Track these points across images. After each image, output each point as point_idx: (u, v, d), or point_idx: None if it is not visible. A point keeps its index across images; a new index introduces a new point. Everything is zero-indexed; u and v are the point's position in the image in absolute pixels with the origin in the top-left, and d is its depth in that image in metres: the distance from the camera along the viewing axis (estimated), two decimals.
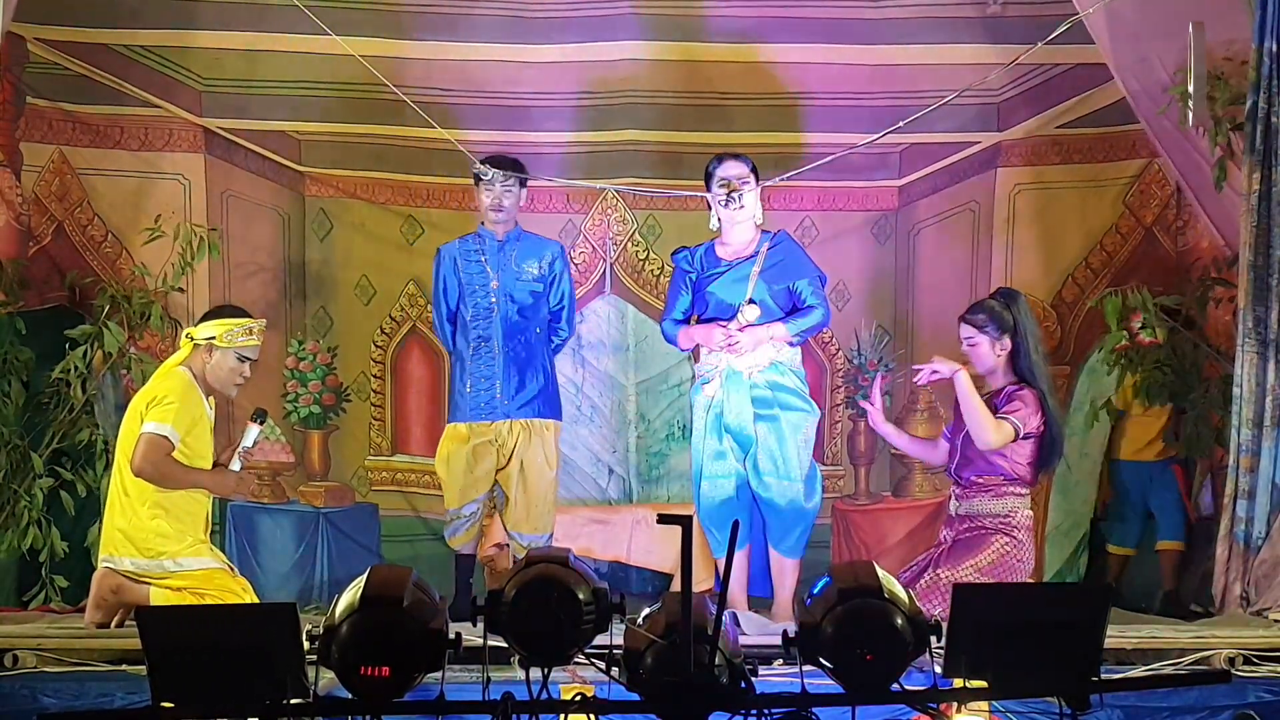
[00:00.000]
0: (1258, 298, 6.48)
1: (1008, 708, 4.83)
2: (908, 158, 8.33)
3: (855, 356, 8.25)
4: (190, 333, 6.40)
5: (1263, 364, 6.47)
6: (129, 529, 6.18)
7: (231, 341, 6.29)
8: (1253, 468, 6.46)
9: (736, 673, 3.80)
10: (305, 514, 8.04)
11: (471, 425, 6.80)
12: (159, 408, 6.16)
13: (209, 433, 6.33)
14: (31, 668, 5.37)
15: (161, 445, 6.12)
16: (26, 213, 7.67)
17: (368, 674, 3.78)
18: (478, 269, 6.86)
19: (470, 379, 6.83)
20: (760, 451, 6.39)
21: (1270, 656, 5.53)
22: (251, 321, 6.41)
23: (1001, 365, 6.38)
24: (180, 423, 6.17)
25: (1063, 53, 7.52)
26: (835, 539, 8.18)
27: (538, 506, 6.82)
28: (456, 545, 6.91)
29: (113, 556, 6.19)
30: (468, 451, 6.80)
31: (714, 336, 6.42)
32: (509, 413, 6.79)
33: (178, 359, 6.37)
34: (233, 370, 6.33)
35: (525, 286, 6.85)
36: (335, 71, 7.85)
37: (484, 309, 6.83)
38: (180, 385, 6.24)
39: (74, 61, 7.80)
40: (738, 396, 6.40)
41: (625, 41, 8.10)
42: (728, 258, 6.52)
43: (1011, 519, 6.28)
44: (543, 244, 6.99)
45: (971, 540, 6.28)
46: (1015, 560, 6.24)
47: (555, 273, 6.92)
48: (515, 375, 6.80)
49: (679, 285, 6.63)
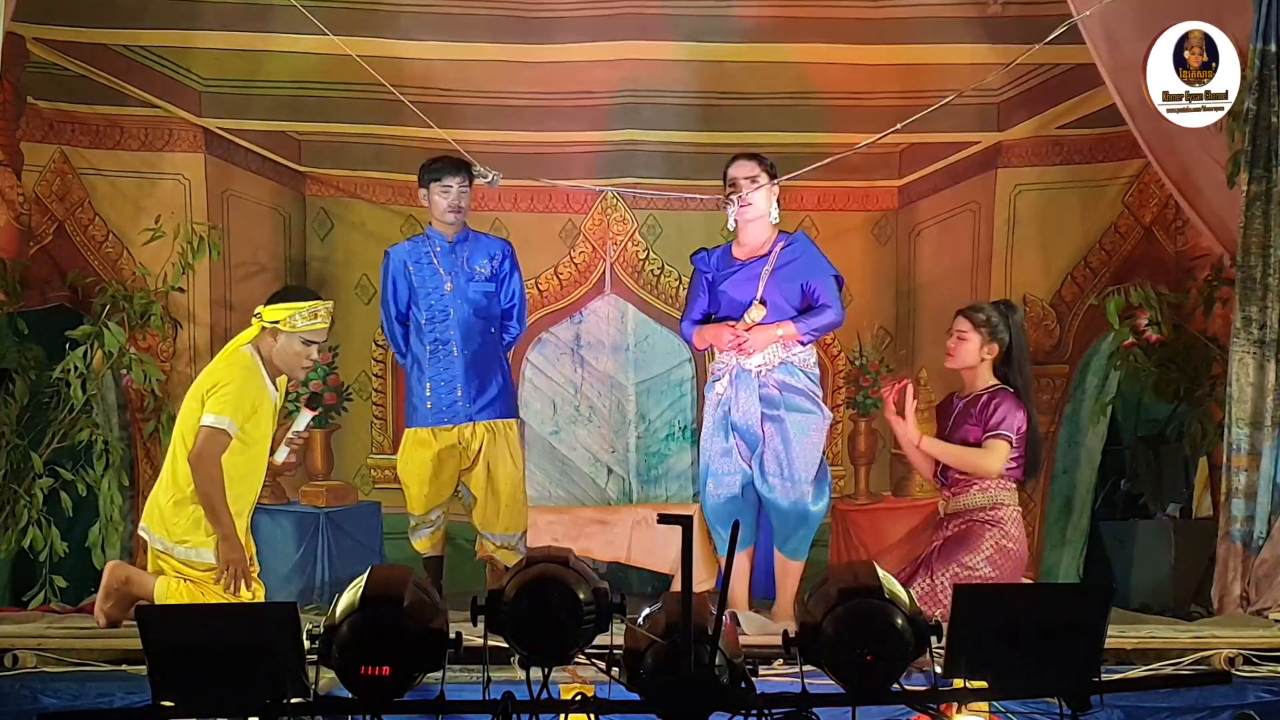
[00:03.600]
0: (1250, 297, 6.50)
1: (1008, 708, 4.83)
2: (908, 158, 8.34)
3: (857, 358, 8.26)
4: (261, 311, 6.25)
5: (1259, 363, 6.48)
6: (165, 507, 6.11)
7: (294, 326, 6.16)
8: (1247, 467, 6.47)
9: (736, 673, 3.80)
10: (306, 514, 8.03)
11: (434, 430, 6.77)
12: (218, 396, 6.05)
13: (271, 416, 6.22)
14: (31, 668, 5.36)
15: (219, 441, 6.03)
16: (27, 212, 7.67)
17: (368, 674, 3.78)
18: (430, 271, 6.80)
19: (430, 383, 6.78)
20: (766, 451, 6.36)
21: (1270, 656, 5.53)
22: (317, 304, 6.27)
23: (984, 367, 6.42)
24: (239, 412, 6.06)
25: (1063, 53, 7.50)
26: (835, 539, 8.18)
27: (508, 506, 6.79)
28: (423, 550, 6.90)
29: (148, 529, 6.16)
30: (431, 457, 6.76)
31: (722, 336, 6.40)
32: (471, 415, 6.75)
33: (245, 338, 6.25)
34: (298, 354, 6.20)
35: (478, 287, 6.81)
36: (335, 71, 7.84)
37: (439, 311, 6.78)
38: (242, 370, 6.14)
39: (74, 62, 7.80)
40: (746, 395, 6.38)
41: (625, 41, 8.10)
42: (742, 258, 6.49)
43: (1000, 511, 6.30)
44: (491, 243, 6.96)
45: (962, 535, 6.29)
46: (1008, 552, 6.25)
47: (505, 271, 6.87)
48: (475, 377, 6.75)
49: (697, 287, 6.56)
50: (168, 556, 6.12)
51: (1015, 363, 6.42)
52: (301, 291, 6.50)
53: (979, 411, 6.35)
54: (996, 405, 6.33)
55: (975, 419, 6.35)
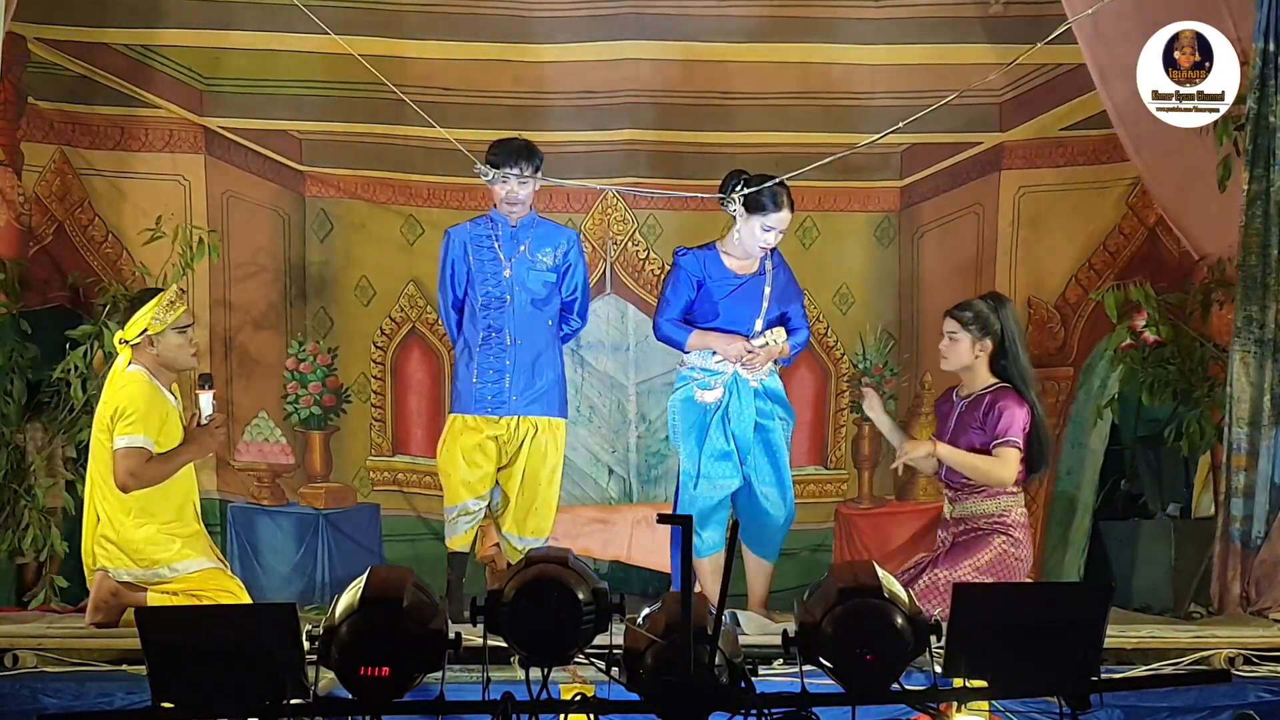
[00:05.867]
0: (1250, 297, 6.50)
1: (1008, 708, 4.84)
2: (909, 159, 8.33)
3: (860, 360, 8.25)
4: (121, 336, 6.27)
5: (1258, 363, 6.48)
6: (119, 540, 6.14)
7: (162, 322, 6.17)
8: (1247, 467, 6.47)
9: (736, 673, 3.80)
10: (305, 516, 7.99)
11: (477, 418, 6.52)
12: (125, 421, 6.08)
13: (179, 422, 6.25)
14: (31, 668, 5.36)
15: (139, 455, 6.06)
16: (27, 212, 7.67)
17: (368, 674, 3.78)
18: (489, 255, 6.55)
19: (478, 370, 6.52)
20: (761, 459, 6.42)
21: (1270, 656, 5.53)
22: (168, 293, 6.27)
23: (980, 365, 6.36)
24: (150, 428, 6.10)
25: (1065, 53, 7.50)
26: (838, 542, 8.18)
27: (539, 510, 6.57)
28: (455, 545, 6.66)
29: (108, 569, 6.15)
30: (472, 445, 6.51)
31: (734, 348, 6.40)
32: (517, 409, 6.51)
33: (124, 362, 6.25)
34: (180, 347, 6.23)
35: (539, 276, 6.55)
36: (337, 70, 7.84)
37: (495, 298, 6.52)
38: (138, 389, 6.14)
39: (74, 61, 7.80)
40: (744, 403, 6.42)
41: (625, 41, 8.10)
42: (736, 270, 6.49)
43: (1007, 517, 6.26)
44: (558, 231, 6.72)
45: (969, 543, 6.27)
46: (1014, 559, 6.23)
47: (570, 262, 6.60)
48: (526, 369, 6.50)
49: (682, 285, 6.48)
50: (146, 583, 6.13)
51: (1011, 355, 6.33)
52: (147, 293, 6.43)
53: (983, 415, 6.28)
54: (1001, 410, 6.24)
55: (979, 423, 6.28)
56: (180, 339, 6.23)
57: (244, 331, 8.07)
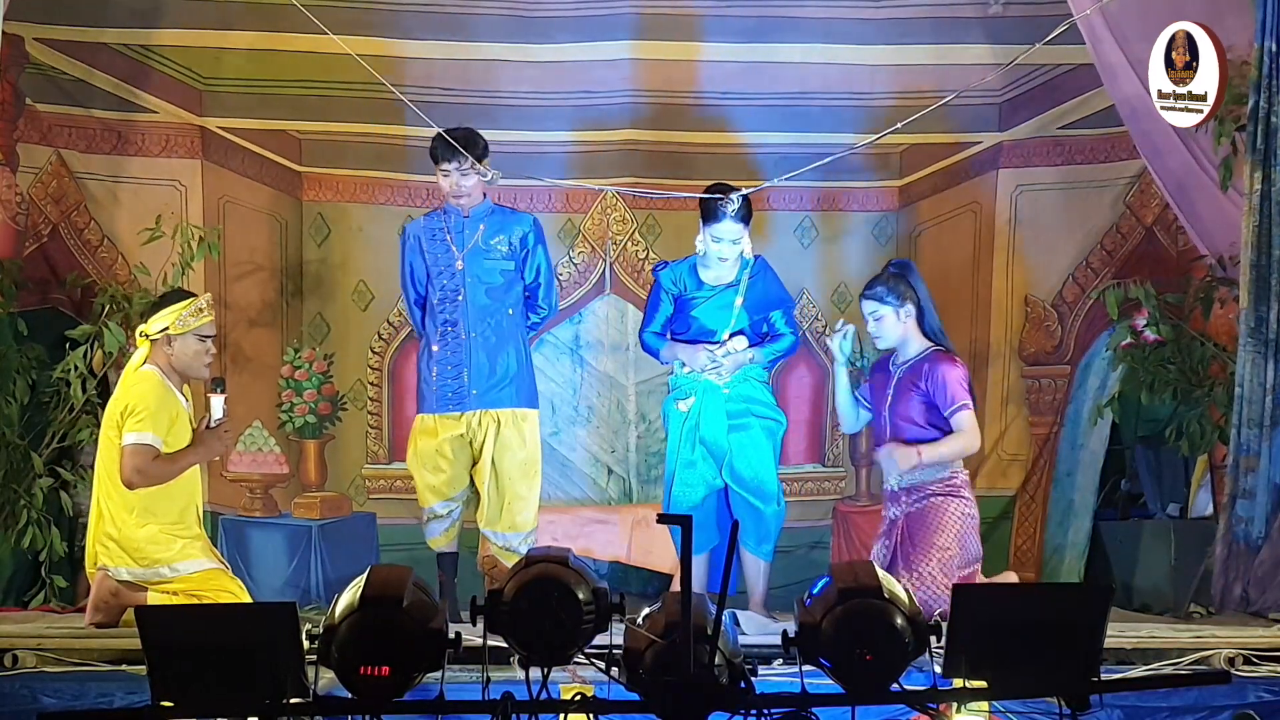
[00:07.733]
0: (1259, 297, 6.49)
1: (1008, 708, 4.83)
2: (909, 158, 8.34)
3: (857, 359, 8.24)
4: (143, 330, 6.29)
5: (1264, 364, 6.47)
6: (120, 539, 6.15)
7: (185, 325, 6.20)
8: (1253, 468, 6.46)
9: (736, 673, 3.80)
10: (298, 528, 7.83)
11: (439, 417, 6.43)
12: (134, 418, 6.11)
13: (188, 424, 6.27)
14: (31, 668, 5.36)
15: (146, 453, 6.09)
16: (23, 213, 7.66)
17: (367, 674, 3.78)
18: (443, 248, 6.46)
19: (436, 367, 6.43)
20: (739, 460, 6.47)
21: (1270, 656, 5.53)
22: (199, 299, 6.31)
23: (911, 332, 6.33)
24: (159, 426, 6.12)
25: (1064, 53, 7.52)
26: (836, 540, 8.19)
27: (512, 505, 6.42)
28: (436, 546, 6.60)
29: (108, 566, 6.16)
30: (436, 445, 6.42)
31: (699, 358, 6.48)
32: (478, 403, 6.38)
33: (140, 359, 6.27)
34: (197, 353, 6.25)
35: (495, 265, 6.42)
36: (336, 71, 7.83)
37: (450, 291, 6.42)
38: (150, 388, 6.17)
39: (73, 62, 7.79)
40: (713, 409, 6.48)
41: (625, 41, 8.11)
42: (710, 281, 6.57)
43: (955, 479, 6.24)
44: (514, 218, 6.56)
45: (925, 513, 6.21)
46: (970, 518, 6.20)
47: (528, 247, 6.47)
48: (485, 363, 6.38)
49: (660, 299, 6.62)
50: (146, 582, 6.14)
51: (928, 312, 6.33)
52: (178, 294, 6.45)
53: (923, 382, 6.24)
54: (942, 375, 6.20)
55: (921, 391, 6.24)
56: (199, 346, 6.26)
57: (238, 329, 8.04)
